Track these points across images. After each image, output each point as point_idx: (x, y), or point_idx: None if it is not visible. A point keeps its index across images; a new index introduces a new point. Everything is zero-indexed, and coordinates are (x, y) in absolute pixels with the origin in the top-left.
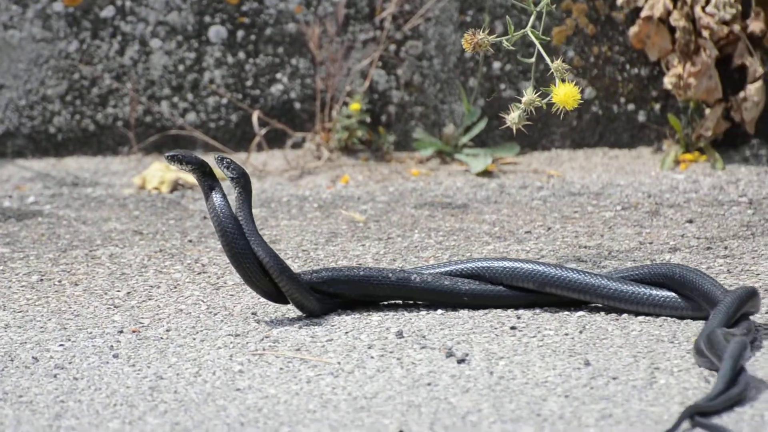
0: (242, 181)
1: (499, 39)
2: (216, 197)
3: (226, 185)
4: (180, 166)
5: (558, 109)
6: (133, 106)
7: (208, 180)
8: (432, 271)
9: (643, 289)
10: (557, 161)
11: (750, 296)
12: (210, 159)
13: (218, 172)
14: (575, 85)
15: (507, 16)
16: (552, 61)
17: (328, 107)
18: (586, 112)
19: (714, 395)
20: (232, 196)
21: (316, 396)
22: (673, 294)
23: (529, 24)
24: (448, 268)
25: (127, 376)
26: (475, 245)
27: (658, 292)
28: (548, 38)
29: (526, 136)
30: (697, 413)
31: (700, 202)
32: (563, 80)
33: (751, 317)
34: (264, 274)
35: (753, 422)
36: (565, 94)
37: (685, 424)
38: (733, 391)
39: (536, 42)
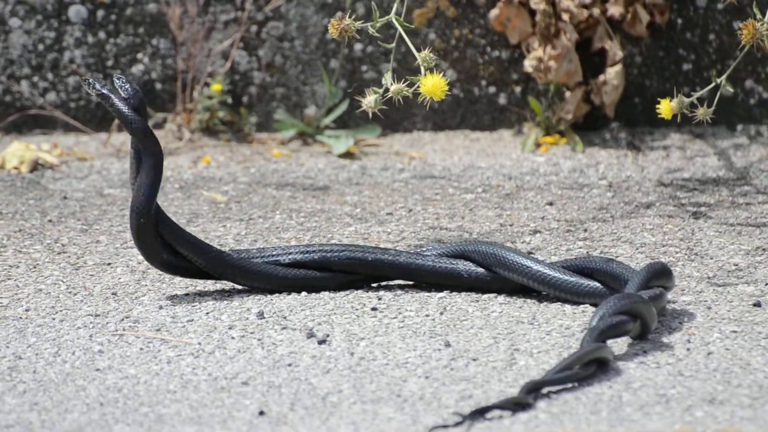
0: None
1: (365, 25)
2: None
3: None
4: (88, 89)
5: (424, 99)
6: None
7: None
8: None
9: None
10: (419, 143)
11: (663, 272)
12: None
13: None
14: (441, 74)
15: (373, 2)
16: (419, 51)
17: (189, 88)
18: (448, 95)
19: (558, 369)
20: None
21: (176, 376)
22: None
23: (393, 10)
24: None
25: None
26: (336, 226)
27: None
28: (411, 25)
29: (387, 118)
30: (536, 387)
31: (561, 184)
32: (430, 70)
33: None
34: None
35: (611, 403)
36: (433, 85)
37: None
38: (575, 371)
39: (400, 29)
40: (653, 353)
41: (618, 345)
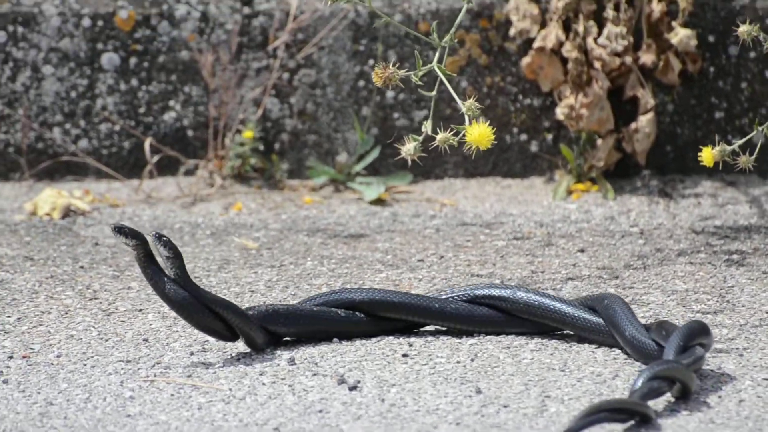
0: (177, 262)
1: (408, 73)
2: (164, 281)
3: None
4: (125, 239)
5: (470, 147)
6: (25, 132)
7: (150, 261)
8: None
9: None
10: (450, 190)
11: (701, 331)
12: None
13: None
14: (487, 123)
15: (416, 50)
16: (464, 101)
17: (221, 135)
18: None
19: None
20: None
21: (207, 422)
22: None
23: (435, 58)
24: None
25: (17, 402)
26: (367, 273)
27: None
28: (455, 74)
29: (419, 165)
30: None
31: (592, 231)
32: (476, 120)
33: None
34: (216, 317)
35: None
36: (480, 134)
37: None
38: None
39: (442, 76)
40: (684, 400)
41: None
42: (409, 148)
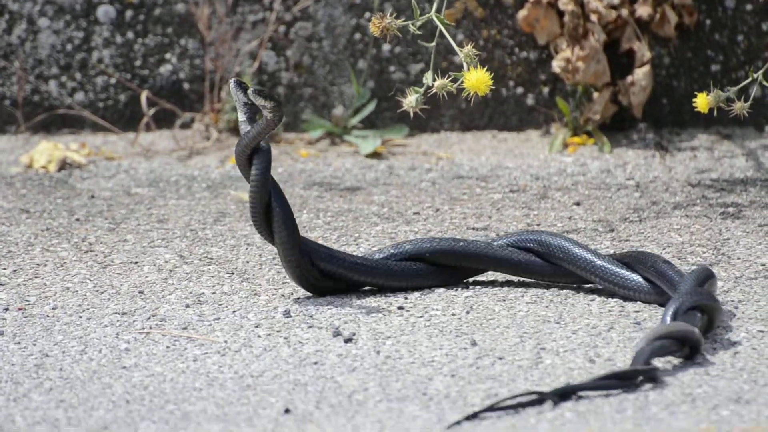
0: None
1: (406, 23)
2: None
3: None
4: (264, 101)
5: (468, 93)
6: (21, 85)
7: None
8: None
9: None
10: (446, 143)
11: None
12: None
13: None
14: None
15: (413, 0)
16: (461, 48)
17: (217, 88)
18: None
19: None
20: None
21: (202, 374)
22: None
23: (434, 8)
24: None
25: (13, 354)
26: (363, 226)
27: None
28: (452, 23)
29: (415, 118)
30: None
31: (588, 184)
32: (474, 66)
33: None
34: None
35: (637, 402)
36: (477, 79)
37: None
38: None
39: (441, 26)
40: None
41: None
42: (410, 101)
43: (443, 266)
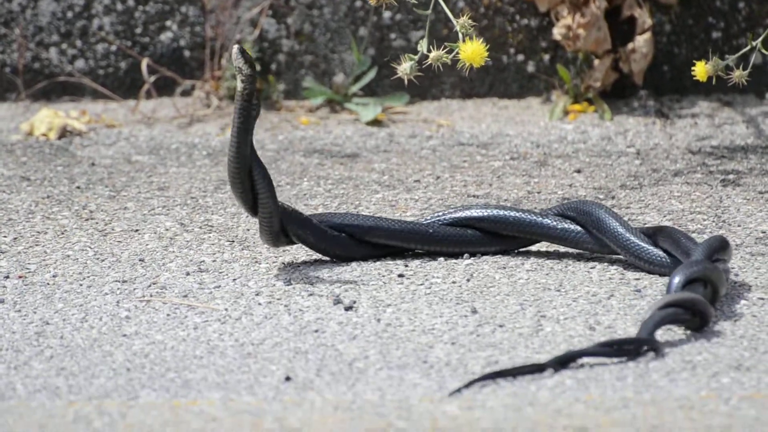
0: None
1: None
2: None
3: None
4: (243, 63)
5: (457, 65)
6: (22, 52)
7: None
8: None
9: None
10: (447, 111)
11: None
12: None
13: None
14: (482, 43)
15: None
16: (458, 18)
17: (217, 55)
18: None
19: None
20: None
21: (203, 342)
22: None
23: None
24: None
25: (13, 322)
26: (364, 193)
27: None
28: None
29: (416, 85)
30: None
31: (589, 152)
32: (470, 37)
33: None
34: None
35: (637, 369)
36: (473, 51)
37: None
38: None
39: None
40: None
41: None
42: (405, 68)
43: (495, 234)
